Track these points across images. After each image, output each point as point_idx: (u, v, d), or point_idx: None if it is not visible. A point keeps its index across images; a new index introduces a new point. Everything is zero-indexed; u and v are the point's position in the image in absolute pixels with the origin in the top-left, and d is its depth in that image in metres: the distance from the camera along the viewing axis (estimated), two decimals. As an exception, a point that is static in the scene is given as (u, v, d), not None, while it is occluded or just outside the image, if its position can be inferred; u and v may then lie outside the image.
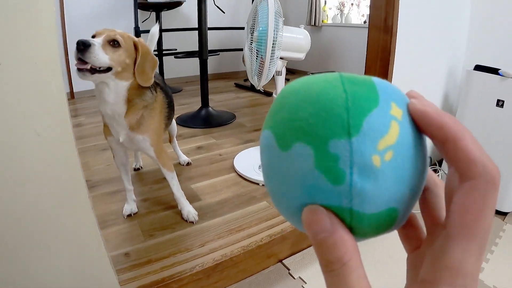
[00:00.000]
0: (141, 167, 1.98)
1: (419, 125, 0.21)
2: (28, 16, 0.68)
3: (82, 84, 3.73)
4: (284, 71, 1.70)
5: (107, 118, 1.24)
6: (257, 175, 1.75)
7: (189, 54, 3.34)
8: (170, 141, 1.99)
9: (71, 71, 3.71)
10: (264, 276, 1.33)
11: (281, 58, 1.56)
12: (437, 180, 0.25)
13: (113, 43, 1.12)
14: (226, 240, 1.31)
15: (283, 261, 1.39)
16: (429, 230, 0.24)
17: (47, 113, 0.77)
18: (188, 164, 1.99)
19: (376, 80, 0.22)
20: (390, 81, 1.45)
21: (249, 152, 2.07)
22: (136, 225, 1.44)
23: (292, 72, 5.04)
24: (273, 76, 1.66)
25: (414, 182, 0.21)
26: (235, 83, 4.31)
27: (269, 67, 1.48)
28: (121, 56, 1.14)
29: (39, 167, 0.80)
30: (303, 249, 1.46)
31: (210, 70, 4.73)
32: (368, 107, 0.20)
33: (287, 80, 4.44)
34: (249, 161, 1.90)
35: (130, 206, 1.52)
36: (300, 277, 1.30)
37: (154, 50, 3.74)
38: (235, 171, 1.87)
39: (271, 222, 1.40)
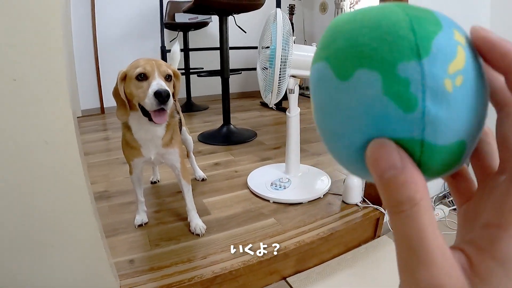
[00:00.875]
0: (158, 181, 2.05)
1: (482, 53, 0.20)
2: (40, 40, 0.79)
3: (112, 101, 3.94)
4: (297, 89, 1.74)
5: (142, 142, 1.34)
6: (269, 192, 1.78)
7: (211, 73, 3.45)
8: (188, 156, 2.06)
9: (101, 88, 3.95)
10: (264, 293, 1.35)
11: (292, 76, 1.61)
12: (486, 128, 0.23)
13: (167, 78, 1.22)
14: (228, 253, 1.33)
15: (286, 278, 1.40)
16: (480, 180, 0.23)
17: (55, 124, 0.85)
18: (203, 179, 2.05)
19: (434, 10, 0.20)
20: None
21: (263, 169, 2.11)
22: (144, 235, 1.50)
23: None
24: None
25: (481, 113, 0.20)
26: (260, 102, 4.38)
27: (279, 85, 1.54)
28: (174, 88, 1.27)
29: (46, 173, 0.88)
30: (308, 268, 1.46)
31: (236, 89, 4.86)
32: (434, 29, 0.18)
33: (307, 97, 4.53)
34: (262, 178, 1.93)
35: (141, 217, 1.59)
36: (302, 296, 1.31)
37: (180, 69, 3.90)
38: (248, 188, 1.90)
39: (276, 239, 1.42)
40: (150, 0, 4.02)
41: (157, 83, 1.14)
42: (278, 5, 3.40)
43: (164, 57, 3.27)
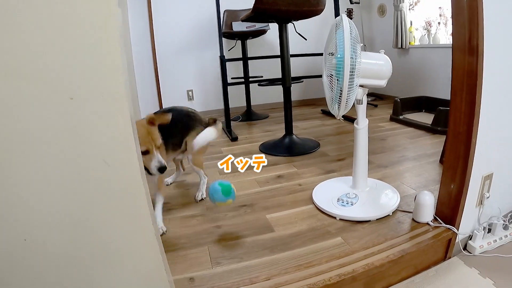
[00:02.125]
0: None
1: None
2: (97, 56, 0.79)
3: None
4: (365, 100, 1.67)
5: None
6: (335, 208, 1.71)
7: (272, 82, 3.44)
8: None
9: (161, 98, 4.09)
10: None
11: (360, 85, 1.53)
12: None
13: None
14: (292, 276, 1.28)
15: (354, 305, 1.33)
16: None
17: (114, 142, 0.86)
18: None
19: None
20: (479, 108, 1.35)
21: (328, 183, 2.03)
22: (205, 251, 1.50)
23: (380, 97, 4.89)
24: (354, 104, 1.64)
25: None
26: (321, 110, 4.31)
27: (348, 95, 1.47)
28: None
29: (106, 194, 0.88)
30: (378, 294, 1.38)
31: (296, 96, 4.82)
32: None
33: (375, 106, 4.36)
34: (328, 193, 1.86)
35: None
36: (372, 326, 1.23)
37: (239, 77, 3.93)
38: (313, 203, 1.85)
39: (342, 261, 1.35)
40: (207, 10, 4.12)
41: (158, 160, 1.52)
42: (337, 9, 3.33)
43: (223, 66, 3.31)
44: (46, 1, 0.73)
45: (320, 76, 1.76)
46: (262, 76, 4.10)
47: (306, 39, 3.01)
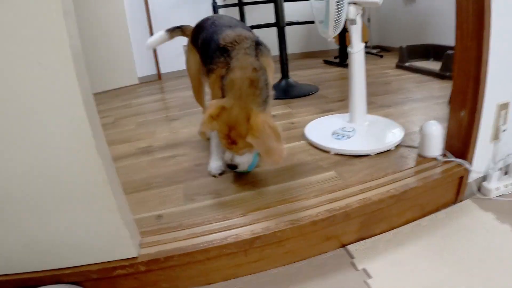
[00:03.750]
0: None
1: None
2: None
3: (168, 66, 3.92)
4: (359, 20, 1.39)
5: None
6: (329, 142, 1.45)
7: (267, 25, 3.15)
8: None
9: (157, 54, 3.82)
10: (319, 261, 1.05)
11: (353, 3, 1.26)
12: None
13: None
14: (272, 211, 1.05)
15: (347, 246, 1.09)
16: None
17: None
18: None
19: None
20: (489, 16, 1.05)
21: (324, 119, 1.78)
22: (180, 189, 1.27)
23: (386, 49, 4.52)
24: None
25: None
26: (324, 60, 3.99)
27: (337, 13, 1.19)
28: None
29: (54, 131, 0.77)
30: (375, 234, 1.13)
31: (299, 49, 4.50)
32: None
33: (380, 56, 4.03)
34: (323, 128, 1.61)
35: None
36: (364, 269, 0.99)
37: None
38: (305, 139, 1.60)
39: (334, 195, 1.11)
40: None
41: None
42: None
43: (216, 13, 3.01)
44: None
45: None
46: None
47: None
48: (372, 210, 1.10)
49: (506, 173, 1.34)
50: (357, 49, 1.44)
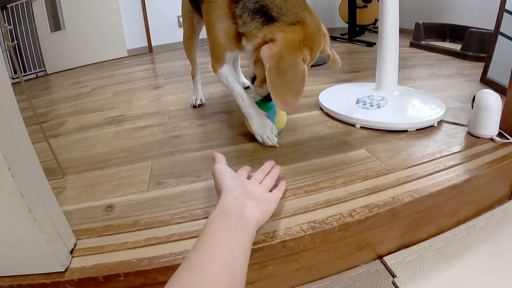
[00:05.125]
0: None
1: None
2: None
3: (160, 39, 3.53)
4: None
5: None
6: (354, 111, 1.06)
7: None
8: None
9: (149, 29, 3.46)
10: (344, 282, 0.66)
11: None
12: None
13: None
14: (281, 205, 0.66)
15: (384, 258, 0.71)
16: None
17: None
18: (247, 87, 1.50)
19: None
20: None
21: (342, 87, 1.38)
22: (147, 168, 0.88)
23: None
24: None
25: None
26: (331, 36, 3.58)
27: None
28: None
29: None
30: (421, 240, 0.75)
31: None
32: None
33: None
34: (342, 96, 1.21)
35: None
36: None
37: None
38: (321, 109, 1.20)
39: (373, 182, 0.72)
40: None
41: None
42: None
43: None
44: None
45: None
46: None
47: None
48: (424, 207, 0.71)
49: None
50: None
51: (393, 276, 0.67)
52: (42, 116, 1.51)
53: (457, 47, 2.49)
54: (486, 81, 1.57)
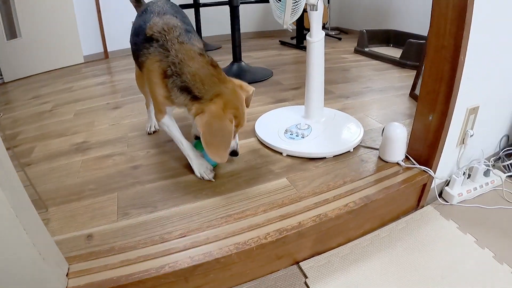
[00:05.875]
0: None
1: None
2: None
3: (116, 44, 3.61)
4: (320, 5, 1.25)
5: None
6: (281, 142, 1.33)
7: (220, 3, 2.95)
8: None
9: (104, 32, 3.53)
10: (269, 282, 0.94)
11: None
12: None
13: None
14: (216, 231, 0.92)
15: (300, 263, 0.99)
16: None
17: None
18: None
19: None
20: (464, 57, 0.98)
21: (277, 112, 1.65)
22: (114, 199, 1.11)
23: (345, 32, 4.44)
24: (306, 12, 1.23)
25: None
26: (280, 41, 3.84)
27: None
28: None
29: None
30: (331, 248, 1.04)
31: (254, 28, 4.31)
32: None
33: (339, 39, 3.94)
34: (275, 124, 1.48)
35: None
36: (319, 292, 0.90)
37: (189, 5, 3.35)
38: (256, 136, 1.47)
39: (286, 210, 1.00)
40: None
41: (235, 143, 1.17)
42: None
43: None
44: None
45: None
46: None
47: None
48: (328, 227, 1.00)
49: (468, 177, 1.29)
50: (316, 38, 1.31)
51: (306, 277, 0.95)
52: (11, 139, 1.67)
53: (398, 52, 2.80)
54: (414, 96, 1.89)
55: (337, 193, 1.08)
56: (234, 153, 1.16)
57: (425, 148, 1.17)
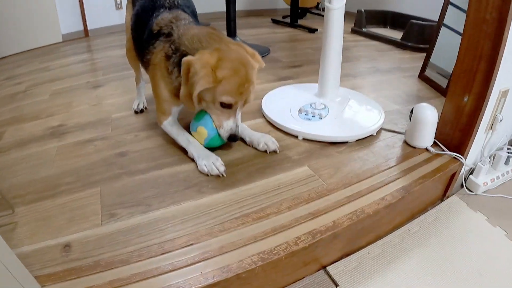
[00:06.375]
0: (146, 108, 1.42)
1: None
2: None
3: (97, 21, 3.32)
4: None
5: None
6: (296, 123, 1.13)
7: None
8: None
9: (84, 9, 3.22)
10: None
11: None
12: None
13: None
14: (233, 235, 0.72)
15: (328, 268, 0.80)
16: None
17: None
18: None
19: None
20: (509, 29, 0.79)
21: (284, 90, 1.44)
22: (96, 195, 0.89)
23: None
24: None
25: None
26: (272, 19, 3.60)
27: None
28: None
29: None
30: (360, 247, 0.86)
31: (244, 5, 4.05)
32: None
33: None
34: (285, 102, 1.28)
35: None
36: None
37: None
38: (263, 116, 1.26)
39: (314, 206, 0.80)
40: None
41: (235, 125, 0.96)
42: None
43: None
44: None
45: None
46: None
47: None
48: (363, 226, 0.81)
49: (491, 166, 1.13)
50: (337, 4, 1.10)
51: (336, 285, 0.77)
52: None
53: (397, 34, 2.64)
54: (424, 78, 1.71)
55: (370, 183, 0.89)
56: (232, 137, 0.96)
57: (456, 132, 1.01)
